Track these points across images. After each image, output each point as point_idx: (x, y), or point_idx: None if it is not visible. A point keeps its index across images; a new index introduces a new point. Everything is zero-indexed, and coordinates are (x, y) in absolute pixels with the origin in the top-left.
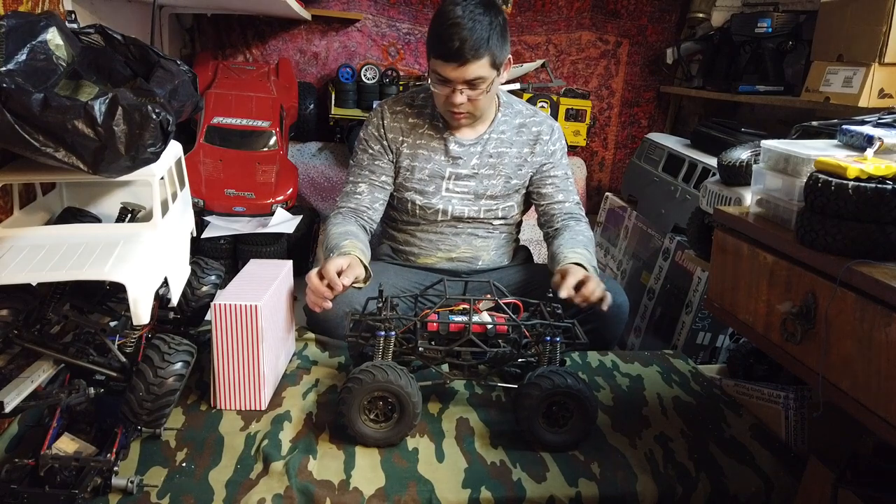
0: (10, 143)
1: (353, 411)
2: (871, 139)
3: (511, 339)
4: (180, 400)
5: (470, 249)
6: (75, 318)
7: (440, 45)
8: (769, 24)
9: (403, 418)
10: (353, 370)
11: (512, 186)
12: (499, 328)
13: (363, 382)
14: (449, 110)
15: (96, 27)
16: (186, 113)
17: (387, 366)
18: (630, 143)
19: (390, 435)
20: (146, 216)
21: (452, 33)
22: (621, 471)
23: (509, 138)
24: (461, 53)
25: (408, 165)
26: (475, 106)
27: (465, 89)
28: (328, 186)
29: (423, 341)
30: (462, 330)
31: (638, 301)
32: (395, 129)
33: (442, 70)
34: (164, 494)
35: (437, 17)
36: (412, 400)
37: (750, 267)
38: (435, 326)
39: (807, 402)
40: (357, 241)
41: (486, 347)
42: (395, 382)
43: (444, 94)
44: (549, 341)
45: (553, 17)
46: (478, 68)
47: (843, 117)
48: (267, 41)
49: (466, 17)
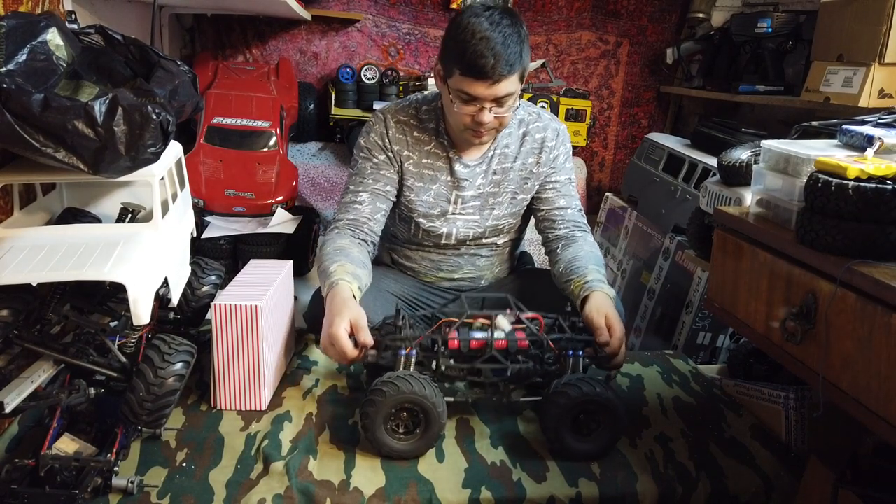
0: (10, 143)
1: (377, 423)
2: (871, 139)
3: (533, 355)
4: (180, 400)
5: (473, 270)
6: (75, 318)
7: (472, 62)
8: (769, 24)
9: (429, 430)
10: (377, 381)
11: (518, 202)
12: (521, 343)
13: (387, 394)
14: (474, 129)
15: (96, 27)
16: (186, 113)
17: (411, 377)
18: (630, 143)
19: (415, 447)
20: (146, 216)
21: (484, 49)
22: (621, 471)
23: (514, 151)
24: (497, 71)
25: (412, 185)
26: (501, 122)
27: (493, 107)
28: (328, 186)
29: (444, 359)
30: (483, 346)
31: (638, 301)
32: (399, 140)
33: (471, 88)
34: (165, 494)
35: (460, 30)
36: (437, 411)
37: (750, 267)
38: (456, 344)
39: (807, 402)
40: (347, 264)
41: (508, 364)
42: (421, 394)
43: (469, 112)
44: (572, 355)
45: (553, 17)
46: (509, 84)
47: (843, 117)
48: (267, 41)
49: (497, 32)
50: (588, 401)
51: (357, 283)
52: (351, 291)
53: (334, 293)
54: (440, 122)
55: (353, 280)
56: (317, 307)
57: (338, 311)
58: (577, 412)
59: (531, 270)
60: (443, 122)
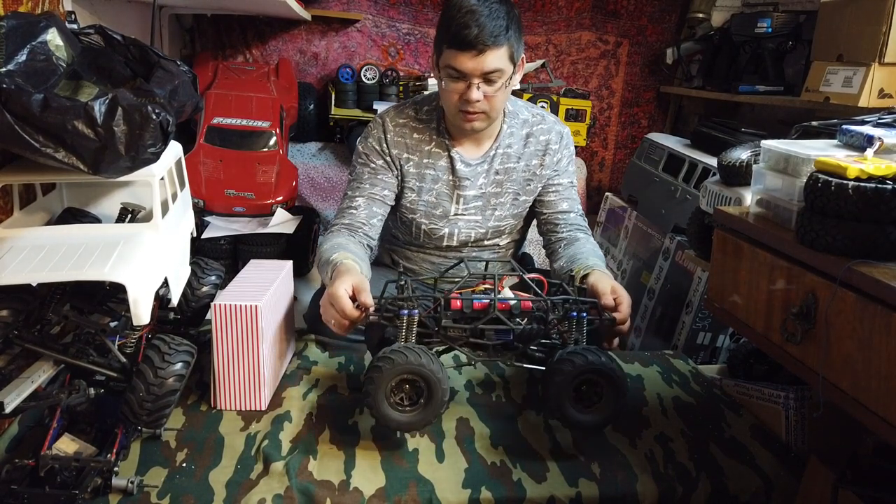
0: (10, 143)
1: (379, 393)
2: (871, 139)
3: (537, 317)
4: (180, 400)
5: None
6: (75, 318)
7: (456, 33)
8: (769, 24)
9: (431, 402)
10: (374, 358)
11: (520, 203)
12: (524, 305)
13: (393, 363)
14: (463, 110)
15: (96, 27)
16: (186, 113)
17: (415, 348)
18: (630, 143)
19: (417, 419)
20: (146, 216)
21: (469, 20)
22: (621, 471)
23: (517, 151)
24: (480, 40)
25: (414, 186)
26: (491, 104)
27: (481, 84)
28: (328, 186)
29: (446, 320)
30: (487, 308)
31: (638, 301)
32: (398, 143)
33: (457, 62)
34: (165, 495)
35: (450, 7)
36: (441, 385)
37: (750, 267)
38: (459, 304)
39: (807, 402)
40: (347, 252)
41: (511, 325)
42: (426, 366)
43: (458, 90)
44: (576, 317)
45: (553, 17)
46: (496, 59)
47: (843, 117)
48: (267, 41)
49: (483, 6)
50: (591, 370)
51: (359, 266)
52: (356, 268)
53: (338, 270)
54: (441, 121)
55: (356, 263)
56: (317, 307)
57: (339, 276)
58: (580, 382)
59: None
60: (443, 121)
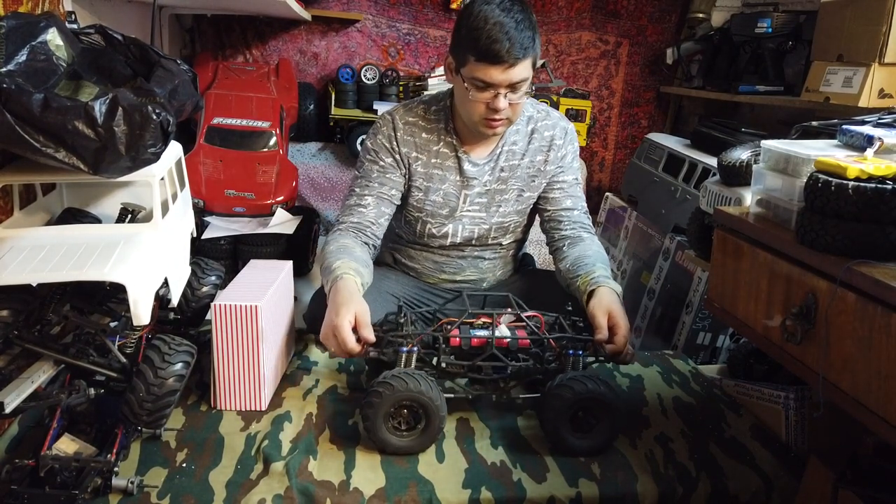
0: (10, 143)
1: (378, 418)
2: (871, 139)
3: (533, 353)
4: (180, 400)
5: (476, 272)
6: (75, 318)
7: (488, 47)
8: (769, 24)
9: (429, 427)
10: (379, 378)
11: (525, 200)
12: (521, 342)
13: (393, 389)
14: (489, 118)
15: (96, 27)
16: (186, 112)
17: (407, 374)
18: (630, 143)
19: (414, 444)
20: (146, 217)
21: (499, 34)
22: (621, 471)
23: (521, 148)
24: (512, 55)
25: (421, 185)
26: (514, 111)
27: (508, 93)
28: (328, 187)
29: (445, 356)
30: (484, 344)
31: (638, 301)
32: (408, 142)
33: (486, 74)
34: (165, 495)
35: (472, 18)
36: (439, 413)
37: (750, 267)
38: (457, 341)
39: (807, 402)
40: (351, 261)
41: (508, 362)
42: (417, 390)
43: (484, 99)
44: (573, 355)
45: (553, 17)
46: (524, 69)
47: (843, 117)
48: (267, 42)
49: (509, 17)
50: (586, 398)
51: (361, 279)
52: (356, 286)
53: (339, 286)
54: (449, 121)
55: (358, 276)
56: (317, 307)
57: (343, 302)
58: (576, 409)
59: (532, 271)
60: (452, 122)
